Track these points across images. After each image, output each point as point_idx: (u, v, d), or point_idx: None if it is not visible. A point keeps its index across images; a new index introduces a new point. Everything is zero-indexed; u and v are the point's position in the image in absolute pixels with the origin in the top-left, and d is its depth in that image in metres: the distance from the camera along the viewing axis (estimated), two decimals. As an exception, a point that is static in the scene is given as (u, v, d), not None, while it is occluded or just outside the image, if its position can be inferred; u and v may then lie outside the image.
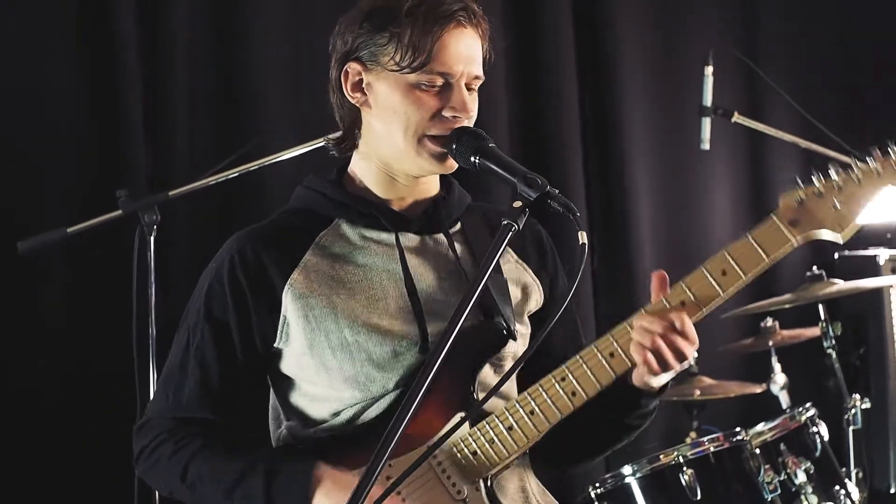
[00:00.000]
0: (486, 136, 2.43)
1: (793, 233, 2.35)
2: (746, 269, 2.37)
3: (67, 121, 4.47)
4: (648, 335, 2.33)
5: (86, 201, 4.34)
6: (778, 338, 5.07)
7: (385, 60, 2.44)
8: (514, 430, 2.43)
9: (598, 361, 2.40)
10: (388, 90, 2.46)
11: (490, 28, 2.51)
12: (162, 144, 4.60)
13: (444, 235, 2.57)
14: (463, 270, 2.54)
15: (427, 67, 2.42)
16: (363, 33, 2.46)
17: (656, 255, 5.79)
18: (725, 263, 2.38)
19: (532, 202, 2.29)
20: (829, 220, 2.34)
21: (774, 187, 6.09)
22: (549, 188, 2.30)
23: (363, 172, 2.57)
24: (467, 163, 2.42)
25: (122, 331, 3.88)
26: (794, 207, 2.36)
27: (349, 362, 2.46)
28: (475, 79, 2.50)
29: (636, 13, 5.81)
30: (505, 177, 2.35)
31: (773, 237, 2.36)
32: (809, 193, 2.36)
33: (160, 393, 2.59)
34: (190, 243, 4.57)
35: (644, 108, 5.81)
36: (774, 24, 6.19)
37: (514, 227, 2.26)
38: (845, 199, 2.34)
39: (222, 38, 4.76)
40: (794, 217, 2.36)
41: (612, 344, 2.40)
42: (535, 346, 2.22)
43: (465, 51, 2.46)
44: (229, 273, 2.49)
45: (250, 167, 3.95)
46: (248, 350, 2.50)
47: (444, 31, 2.42)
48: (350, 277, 2.50)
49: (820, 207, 2.35)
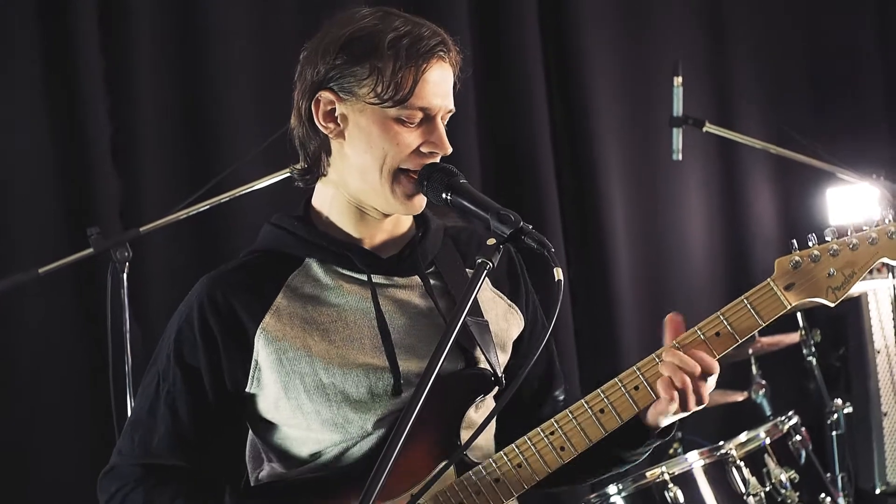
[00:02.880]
0: (456, 171, 2.40)
1: (788, 298, 2.39)
2: (740, 333, 2.40)
3: (35, 158, 4.45)
4: (679, 374, 2.34)
5: (57, 240, 4.32)
6: (758, 345, 5.07)
7: (363, 93, 2.39)
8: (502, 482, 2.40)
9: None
10: (366, 122, 2.41)
11: (461, 59, 2.48)
12: (131, 178, 4.57)
13: (418, 277, 2.53)
14: (438, 309, 2.50)
15: (408, 102, 2.38)
16: (339, 64, 2.40)
17: (632, 266, 5.79)
18: (720, 325, 2.40)
19: (506, 239, 2.27)
20: (823, 288, 2.39)
21: (748, 195, 6.11)
22: (523, 224, 2.28)
23: (330, 205, 2.52)
24: (439, 199, 2.39)
25: (98, 369, 3.85)
26: (790, 271, 2.40)
27: (325, 404, 2.42)
28: (448, 112, 2.47)
29: (603, 25, 5.80)
30: (478, 213, 2.33)
31: (769, 302, 2.39)
32: (805, 257, 2.41)
33: (126, 439, 2.51)
34: (164, 277, 4.55)
35: (615, 119, 5.79)
36: (741, 31, 6.19)
37: (490, 265, 2.25)
38: (841, 265, 2.40)
39: (188, 69, 4.74)
40: (789, 281, 2.40)
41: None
42: (514, 390, 2.21)
43: (442, 85, 2.43)
44: (199, 318, 2.44)
45: (221, 199, 3.92)
46: (219, 395, 2.45)
47: (427, 66, 2.40)
48: (323, 318, 2.46)
49: (815, 273, 2.40)
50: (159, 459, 2.47)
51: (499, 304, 2.61)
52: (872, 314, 5.44)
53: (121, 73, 4.61)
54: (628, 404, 2.39)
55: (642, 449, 2.51)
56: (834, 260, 2.39)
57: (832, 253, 2.40)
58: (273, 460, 2.54)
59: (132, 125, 4.62)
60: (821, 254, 2.40)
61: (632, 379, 2.40)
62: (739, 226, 6.09)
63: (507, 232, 2.27)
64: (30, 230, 4.41)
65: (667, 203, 5.95)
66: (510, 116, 5.55)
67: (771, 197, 6.13)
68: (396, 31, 2.40)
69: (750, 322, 2.40)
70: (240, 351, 2.43)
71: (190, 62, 4.76)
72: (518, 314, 2.63)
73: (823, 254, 2.40)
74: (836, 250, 2.40)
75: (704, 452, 3.85)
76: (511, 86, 5.54)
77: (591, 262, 5.69)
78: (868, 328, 5.45)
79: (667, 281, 5.87)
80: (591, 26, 5.75)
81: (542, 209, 5.49)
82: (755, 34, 6.19)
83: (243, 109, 4.79)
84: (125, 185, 4.57)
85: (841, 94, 6.26)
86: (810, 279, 2.39)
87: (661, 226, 5.94)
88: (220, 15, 4.80)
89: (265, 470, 2.56)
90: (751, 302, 2.40)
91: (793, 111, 6.03)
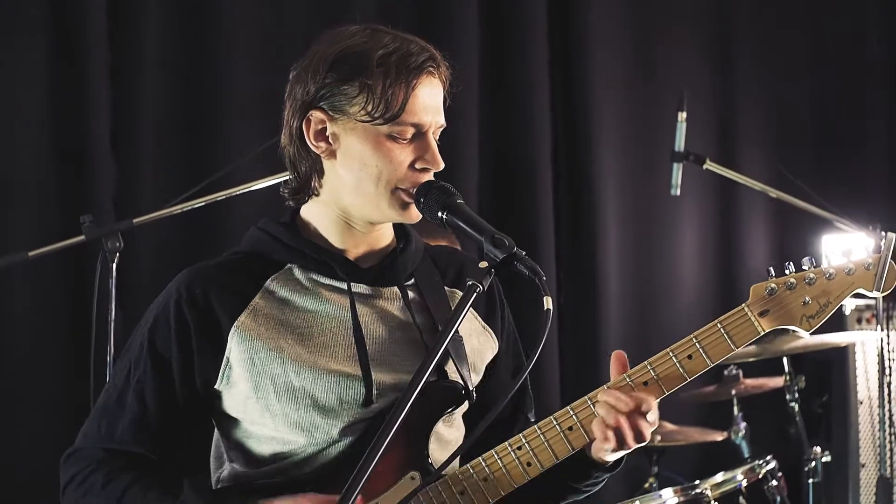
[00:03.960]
0: (454, 191, 2.40)
1: (762, 324, 2.40)
2: (713, 357, 2.40)
3: (34, 143, 4.44)
4: (613, 413, 2.34)
5: (49, 225, 4.31)
6: (741, 387, 5.06)
7: (354, 111, 2.39)
8: (466, 494, 2.40)
9: (557, 434, 2.39)
10: (358, 141, 2.41)
11: (451, 74, 2.48)
12: (128, 170, 4.57)
13: (397, 288, 2.53)
14: (415, 323, 2.50)
15: (399, 119, 2.38)
16: (329, 83, 2.40)
17: (621, 295, 5.79)
18: (692, 349, 2.40)
19: (498, 263, 2.27)
20: (797, 316, 2.39)
21: (742, 234, 6.11)
22: (517, 250, 2.28)
23: (318, 218, 2.52)
24: (434, 217, 2.39)
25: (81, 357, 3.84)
26: (765, 298, 2.41)
27: (293, 407, 2.42)
28: (440, 127, 2.47)
29: (612, 53, 5.81)
30: (472, 235, 2.33)
31: (742, 327, 2.40)
32: (780, 284, 2.41)
33: (93, 423, 2.51)
34: (152, 270, 4.54)
35: (616, 148, 5.80)
36: (749, 71, 6.20)
37: (480, 287, 2.24)
38: (816, 294, 2.39)
39: (194, 67, 4.75)
40: (763, 308, 2.40)
41: (571, 417, 2.39)
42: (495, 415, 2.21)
43: (433, 101, 2.43)
44: (176, 309, 2.44)
45: (216, 198, 3.92)
46: (187, 388, 2.45)
47: (417, 82, 2.40)
48: (299, 322, 2.46)
49: (790, 300, 2.40)
50: (122, 446, 2.46)
51: (474, 325, 2.60)
52: (858, 365, 5.45)
53: (127, 66, 4.62)
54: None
55: (591, 481, 2.51)
56: (810, 288, 2.39)
57: (808, 281, 2.39)
58: (234, 460, 2.53)
59: (134, 118, 4.63)
60: (797, 282, 2.39)
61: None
62: (731, 265, 6.09)
63: (500, 256, 2.27)
64: (22, 213, 4.41)
65: (661, 236, 5.95)
66: (512, 136, 5.57)
67: (765, 239, 6.13)
68: (385, 47, 2.40)
69: (722, 346, 2.40)
70: (212, 346, 2.43)
71: (197, 60, 4.77)
72: (492, 337, 2.63)
73: (799, 282, 2.39)
74: (813, 279, 2.39)
75: (679, 490, 3.84)
76: (515, 105, 5.56)
77: (582, 289, 5.68)
78: (853, 378, 5.45)
79: (654, 313, 5.87)
80: (600, 53, 5.77)
81: (537, 232, 5.50)
82: (763, 75, 6.20)
83: (247, 110, 4.80)
84: (122, 176, 4.56)
85: (845, 141, 6.27)
86: (785, 306, 2.40)
87: (653, 258, 5.94)
88: (230, 14, 4.81)
89: (226, 470, 2.54)
90: (724, 326, 2.40)
91: (795, 154, 6.03)
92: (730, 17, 6.19)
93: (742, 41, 6.20)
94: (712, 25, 6.17)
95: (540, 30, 5.62)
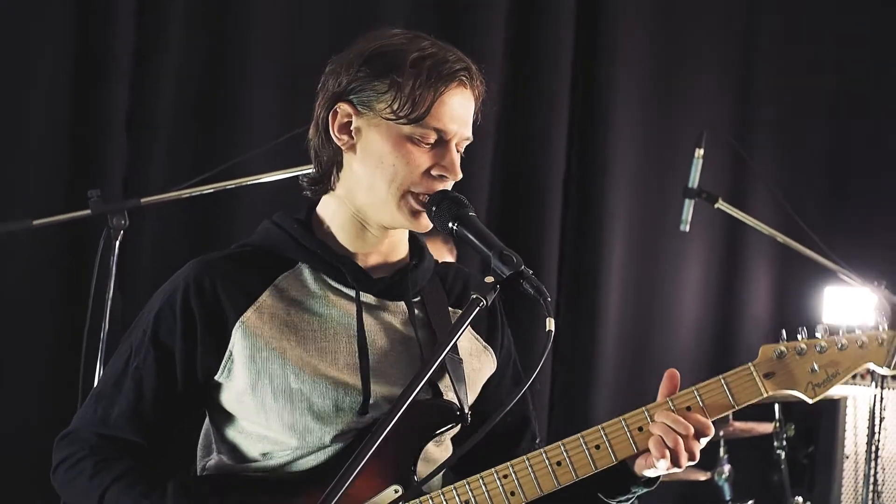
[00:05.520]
0: (467, 203, 2.39)
1: (766, 386, 2.38)
2: (711, 412, 2.38)
3: (51, 114, 4.43)
4: (672, 434, 2.34)
5: (56, 196, 4.30)
6: (730, 429, 5.05)
7: (381, 107, 2.39)
8: None
9: (544, 467, 2.37)
10: (379, 138, 2.41)
11: (485, 91, 2.48)
12: (141, 149, 4.56)
13: (404, 304, 2.52)
14: (417, 339, 2.49)
15: (423, 122, 2.38)
16: (361, 77, 2.40)
17: (619, 324, 5.80)
18: (692, 400, 2.39)
19: (505, 280, 2.25)
20: (803, 384, 2.38)
21: (746, 276, 6.11)
22: (524, 268, 2.26)
23: (333, 216, 2.51)
24: (445, 228, 2.37)
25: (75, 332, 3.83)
26: (773, 360, 2.39)
27: (289, 409, 2.41)
28: (465, 140, 2.46)
29: (634, 87, 5.83)
30: (481, 249, 2.31)
31: (746, 386, 2.39)
32: (791, 349, 2.40)
33: (89, 406, 2.50)
34: (155, 252, 4.54)
35: (629, 178, 5.82)
36: (768, 115, 6.21)
37: (483, 302, 2.22)
38: (825, 363, 2.38)
39: (217, 53, 4.75)
40: (770, 370, 2.39)
41: (561, 453, 2.38)
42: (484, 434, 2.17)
43: (461, 112, 2.43)
44: (183, 300, 2.42)
45: (227, 185, 3.92)
46: (187, 379, 2.44)
47: (447, 88, 2.39)
48: (304, 325, 2.44)
49: (798, 366, 2.38)
50: (116, 432, 2.45)
51: (474, 344, 2.60)
52: (848, 419, 5.43)
53: (151, 47, 4.62)
54: (587, 462, 2.38)
55: (626, 496, 2.49)
56: (820, 356, 2.38)
57: (819, 349, 2.38)
58: (223, 453, 2.52)
59: (152, 99, 4.61)
60: (807, 348, 2.38)
61: (594, 438, 2.39)
62: (732, 305, 6.10)
63: (507, 273, 2.25)
64: (31, 181, 4.39)
65: (665, 270, 5.96)
66: (526, 159, 5.59)
67: (769, 283, 6.13)
68: (422, 50, 2.40)
69: (723, 402, 2.39)
70: (216, 339, 2.42)
71: (220, 50, 4.77)
72: (492, 356, 2.62)
73: (810, 348, 2.38)
74: (824, 347, 2.38)
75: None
76: (532, 129, 5.57)
77: (580, 315, 5.68)
78: (841, 432, 5.43)
79: (650, 346, 5.87)
80: (622, 85, 5.79)
81: (540, 254, 5.50)
82: (781, 120, 6.21)
83: (264, 104, 4.80)
84: (134, 155, 4.55)
85: (859, 195, 6.27)
86: (792, 372, 2.38)
87: (655, 291, 5.95)
88: (257, 8, 4.82)
89: (213, 460, 2.54)
90: (727, 382, 2.39)
91: (808, 202, 6.02)
92: (754, 61, 6.21)
93: (764, 85, 6.22)
94: (736, 67, 6.19)
95: (565, 58, 5.64)
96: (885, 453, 5.20)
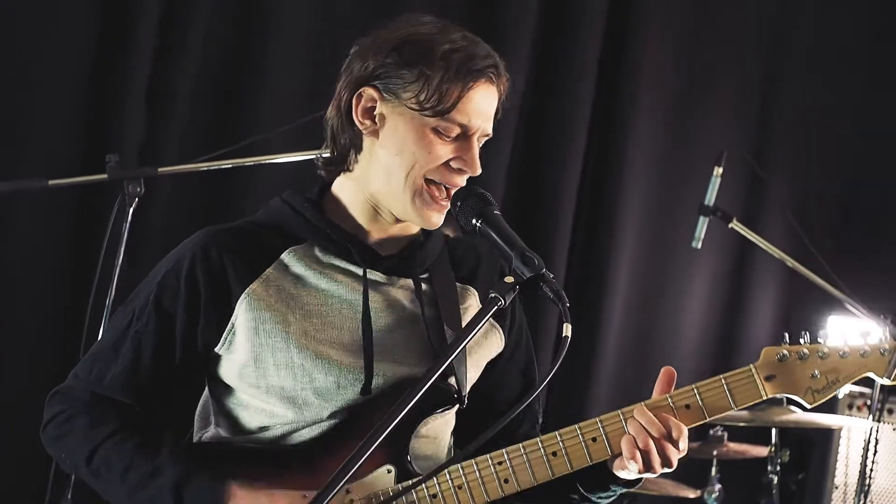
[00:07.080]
0: (492, 201, 2.40)
1: (766, 388, 2.39)
2: (710, 411, 2.38)
3: (74, 78, 4.43)
4: (643, 435, 2.33)
5: (73, 159, 4.30)
6: (724, 449, 5.04)
7: (406, 96, 2.40)
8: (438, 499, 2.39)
9: (539, 456, 2.38)
10: (402, 126, 2.41)
11: (508, 88, 2.49)
12: (161, 118, 4.56)
13: (411, 280, 2.53)
14: (423, 316, 2.49)
15: (448, 115, 2.39)
16: (389, 63, 2.41)
17: (622, 332, 5.81)
18: (692, 398, 2.38)
19: (525, 281, 2.25)
20: (803, 388, 2.39)
21: (753, 297, 6.10)
22: (545, 271, 2.27)
23: (349, 197, 2.51)
24: (468, 224, 2.38)
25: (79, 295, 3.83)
26: (774, 363, 2.40)
27: (290, 382, 2.41)
28: (486, 135, 2.48)
29: (656, 101, 5.84)
30: (503, 248, 2.32)
31: (746, 387, 2.39)
32: (793, 353, 2.40)
33: (86, 365, 2.51)
34: (164, 226, 4.53)
35: (643, 192, 5.82)
36: (787, 139, 6.20)
37: (501, 301, 2.23)
38: (826, 370, 2.39)
39: (244, 29, 4.75)
40: (771, 372, 2.39)
41: (557, 443, 2.38)
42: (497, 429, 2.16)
43: (485, 107, 2.44)
44: (189, 269, 2.43)
45: (244, 162, 3.93)
46: (186, 348, 2.45)
47: (475, 84, 2.40)
48: (309, 300, 2.45)
49: (799, 370, 2.39)
50: (109, 392, 2.46)
51: None
52: (841, 449, 5.43)
53: (176, 19, 4.60)
54: (583, 454, 2.38)
55: (606, 494, 2.49)
56: (821, 362, 2.39)
57: (821, 355, 2.39)
58: (220, 425, 2.53)
59: (175, 70, 4.60)
60: (809, 353, 2.39)
61: (591, 430, 2.39)
62: (735, 325, 6.10)
63: (527, 275, 2.26)
64: (50, 142, 4.39)
65: (672, 283, 5.97)
66: (543, 162, 5.59)
67: (773, 306, 6.13)
68: (452, 43, 2.42)
69: (722, 402, 2.39)
70: (219, 311, 2.43)
71: (246, 25, 4.76)
72: (500, 335, 2.62)
73: (812, 354, 2.39)
74: (826, 353, 2.39)
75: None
76: (551, 133, 5.58)
77: (584, 320, 5.68)
78: (833, 462, 5.43)
79: (651, 356, 5.86)
80: (644, 98, 5.80)
81: (549, 257, 5.48)
82: (799, 146, 6.21)
83: (285, 86, 4.79)
84: (152, 125, 4.55)
85: (873, 227, 6.25)
86: (792, 376, 2.39)
87: (660, 303, 5.96)
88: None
89: (210, 432, 2.54)
90: (728, 383, 2.39)
91: (821, 229, 6.01)
92: (776, 84, 6.20)
93: (785, 109, 6.21)
94: (758, 90, 6.19)
95: (589, 71, 5.65)
96: (876, 487, 5.18)
